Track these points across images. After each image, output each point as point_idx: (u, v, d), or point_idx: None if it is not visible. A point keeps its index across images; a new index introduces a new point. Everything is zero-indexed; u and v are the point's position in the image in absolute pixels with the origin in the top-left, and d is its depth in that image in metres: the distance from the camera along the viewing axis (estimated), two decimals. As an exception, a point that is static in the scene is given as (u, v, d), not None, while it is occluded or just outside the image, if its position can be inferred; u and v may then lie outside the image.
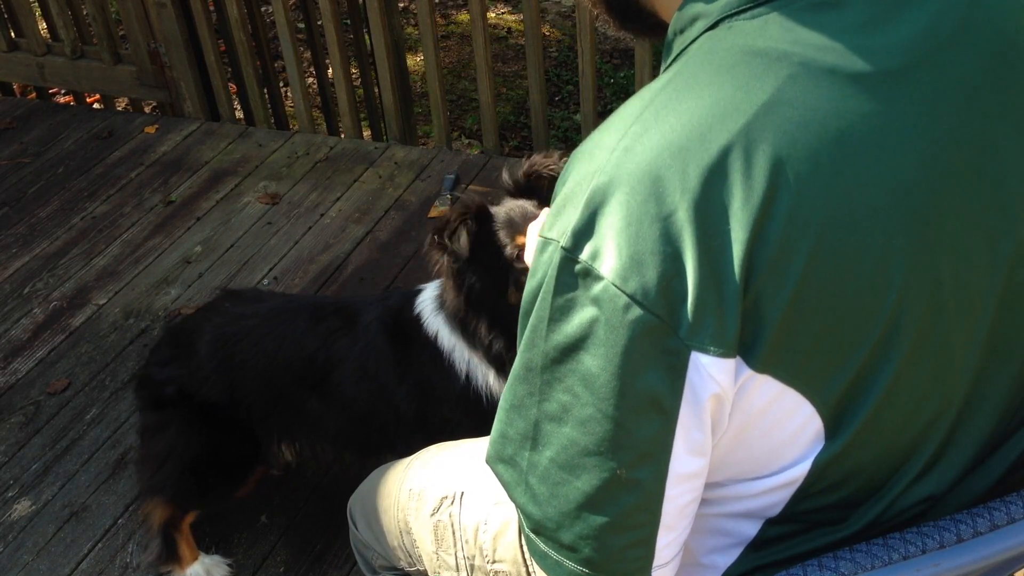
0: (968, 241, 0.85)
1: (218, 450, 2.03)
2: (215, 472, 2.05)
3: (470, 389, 1.82)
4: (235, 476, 2.08)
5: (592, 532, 0.86)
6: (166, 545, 2.08)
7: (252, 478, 2.08)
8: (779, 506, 0.92)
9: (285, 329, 1.97)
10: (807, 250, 0.78)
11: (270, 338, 1.97)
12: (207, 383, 1.98)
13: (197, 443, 2.01)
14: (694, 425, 0.82)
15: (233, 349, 1.98)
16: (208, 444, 2.02)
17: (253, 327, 1.99)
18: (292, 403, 1.98)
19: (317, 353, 1.93)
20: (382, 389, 1.91)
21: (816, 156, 0.78)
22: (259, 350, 1.96)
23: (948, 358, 0.87)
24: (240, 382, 1.97)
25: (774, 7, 0.83)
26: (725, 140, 0.78)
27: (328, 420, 1.98)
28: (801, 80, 0.80)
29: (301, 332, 1.95)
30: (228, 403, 1.97)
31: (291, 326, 1.97)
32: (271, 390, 1.97)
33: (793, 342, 0.80)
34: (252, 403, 1.98)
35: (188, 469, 2.01)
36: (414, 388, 1.88)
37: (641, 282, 0.77)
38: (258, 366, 1.96)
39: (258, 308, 2.04)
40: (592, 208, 0.80)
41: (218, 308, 2.11)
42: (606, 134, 0.84)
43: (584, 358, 0.81)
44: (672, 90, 0.83)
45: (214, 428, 2.00)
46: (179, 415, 2.01)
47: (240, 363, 1.97)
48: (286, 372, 1.95)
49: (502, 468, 0.92)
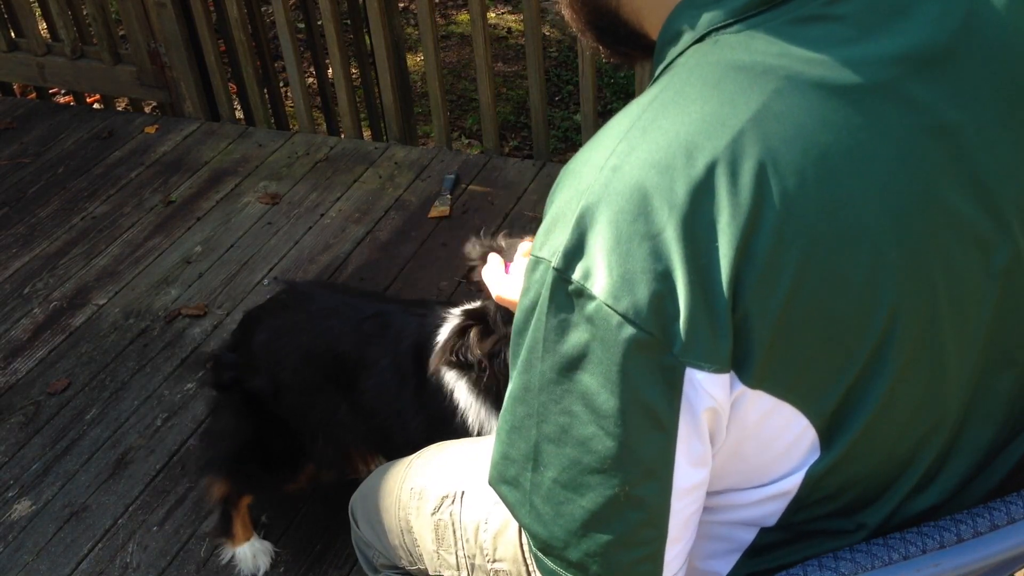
0: (962, 251, 0.84)
1: (264, 440, 2.05)
2: (261, 461, 2.07)
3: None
4: (280, 468, 2.09)
5: (599, 550, 0.86)
6: (222, 520, 2.15)
7: (302, 474, 2.09)
8: (775, 516, 0.92)
9: (323, 326, 1.98)
10: (794, 265, 0.78)
11: (307, 334, 1.98)
12: (256, 373, 2.01)
13: (246, 431, 2.05)
14: (694, 438, 0.82)
15: (277, 343, 2.00)
16: (255, 433, 2.04)
17: (297, 322, 2.01)
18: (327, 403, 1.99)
19: (348, 355, 1.93)
20: (400, 412, 1.91)
21: (802, 171, 0.78)
22: (297, 345, 1.98)
23: (944, 369, 0.87)
24: (281, 376, 1.99)
25: (761, 20, 0.83)
26: (711, 156, 0.78)
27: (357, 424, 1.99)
28: (787, 94, 0.80)
29: (337, 332, 1.96)
30: (272, 396, 1.99)
31: (328, 324, 1.98)
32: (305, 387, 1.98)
33: (784, 357, 0.80)
34: (291, 398, 1.99)
35: (238, 453, 2.06)
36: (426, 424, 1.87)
37: (632, 301, 0.77)
38: (294, 361, 1.97)
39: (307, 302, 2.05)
40: (582, 228, 0.80)
41: (278, 299, 2.14)
42: (593, 152, 0.84)
43: (582, 377, 0.81)
44: (658, 106, 0.83)
45: (261, 418, 2.03)
46: (234, 401, 2.06)
47: (281, 357, 1.99)
48: (318, 370, 1.96)
49: (505, 489, 0.92)
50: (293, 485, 2.12)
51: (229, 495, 2.12)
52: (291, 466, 2.08)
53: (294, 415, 2.01)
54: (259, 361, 2.01)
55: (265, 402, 2.01)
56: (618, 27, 1.00)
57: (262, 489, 2.15)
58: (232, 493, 2.12)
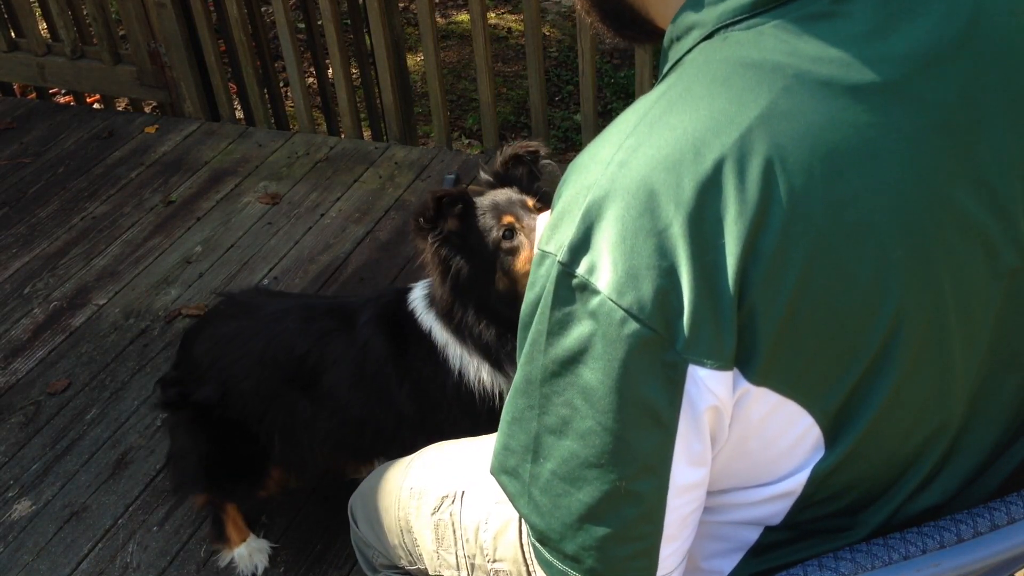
0: (968, 251, 0.84)
1: (222, 449, 2.04)
2: (225, 469, 2.07)
3: (462, 385, 1.81)
4: (246, 475, 2.08)
5: (595, 543, 0.86)
6: (215, 526, 2.16)
7: (269, 480, 2.09)
8: (780, 515, 0.92)
9: (275, 328, 1.97)
10: (801, 263, 0.78)
11: (260, 338, 1.97)
12: (201, 383, 1.99)
13: (203, 443, 2.05)
14: (694, 437, 0.82)
15: (224, 349, 1.99)
16: (212, 444, 2.04)
17: (244, 327, 2.00)
18: (285, 405, 1.98)
19: (308, 355, 1.92)
20: (381, 392, 1.90)
21: (809, 169, 0.78)
22: (248, 350, 1.97)
23: (949, 368, 0.87)
24: (231, 382, 1.97)
25: (770, 17, 0.83)
26: (719, 153, 0.78)
27: (320, 422, 1.98)
28: (796, 92, 0.80)
29: (291, 332, 1.95)
30: (221, 402, 1.98)
31: (281, 326, 1.97)
32: (262, 391, 1.97)
33: (789, 354, 0.80)
34: (245, 403, 1.98)
35: (203, 467, 2.06)
36: (414, 388, 1.87)
37: (637, 296, 0.77)
38: (247, 366, 1.96)
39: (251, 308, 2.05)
40: (588, 222, 0.80)
41: (217, 310, 2.13)
42: (601, 147, 0.84)
43: (583, 371, 0.82)
44: (667, 103, 0.83)
45: (214, 428, 2.02)
46: (185, 417, 2.05)
47: (230, 363, 1.97)
48: (275, 373, 1.95)
49: (506, 479, 0.92)
50: (263, 492, 2.12)
51: (213, 502, 2.13)
52: (256, 472, 2.07)
53: (251, 420, 1.99)
54: (203, 371, 2.00)
55: (214, 411, 1.99)
56: (623, 11, 1.01)
57: (237, 497, 2.14)
58: (215, 502, 2.13)
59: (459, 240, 1.68)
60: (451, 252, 1.69)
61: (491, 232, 1.67)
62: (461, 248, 1.69)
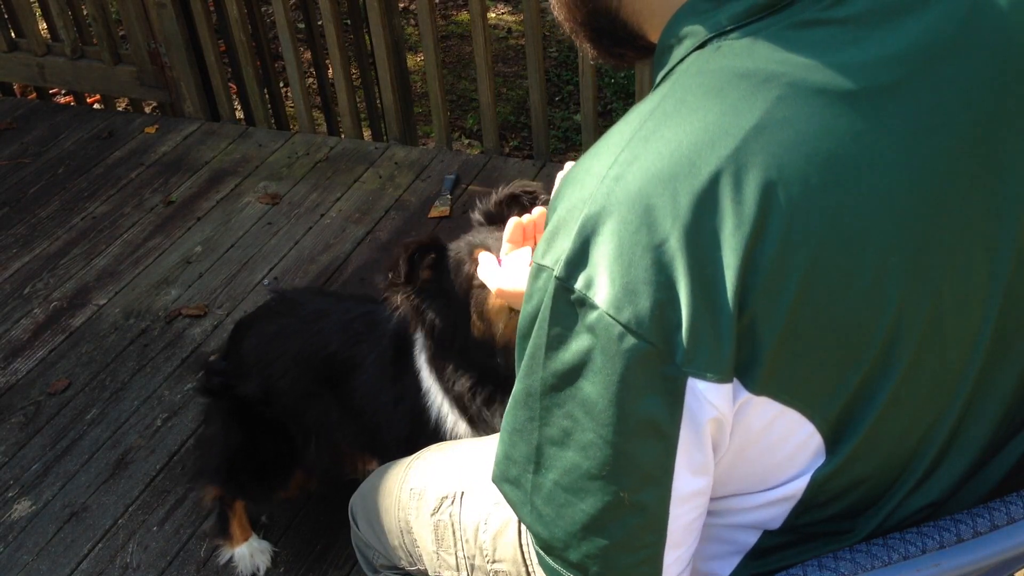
0: (967, 252, 0.84)
1: (254, 447, 2.05)
2: (252, 469, 2.08)
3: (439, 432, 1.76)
4: (271, 476, 2.09)
5: (599, 552, 0.86)
6: (219, 521, 2.16)
7: (292, 481, 2.10)
8: (779, 519, 0.92)
9: (314, 328, 1.98)
10: (800, 273, 0.78)
11: (298, 337, 1.98)
12: (246, 378, 2.01)
13: (236, 437, 2.06)
14: (695, 447, 0.82)
15: (268, 347, 2.00)
16: (244, 440, 2.05)
17: (287, 325, 2.01)
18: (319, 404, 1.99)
19: (337, 355, 1.93)
20: (384, 406, 1.90)
21: (806, 178, 0.78)
22: (287, 348, 1.98)
23: (947, 369, 0.87)
24: (272, 379, 1.99)
25: (763, 26, 0.83)
26: (714, 166, 0.77)
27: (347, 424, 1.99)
28: (790, 101, 0.79)
29: (327, 333, 1.96)
30: (263, 399, 2.00)
31: (319, 326, 1.98)
32: (297, 389, 1.98)
33: (790, 363, 0.80)
34: (284, 401, 2.00)
35: (229, 460, 2.07)
36: (406, 415, 1.86)
37: (635, 311, 0.77)
38: (285, 364, 1.97)
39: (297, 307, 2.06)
40: (584, 237, 0.80)
41: (268, 306, 2.16)
42: (596, 160, 0.84)
43: (583, 385, 0.81)
44: (660, 114, 0.82)
45: (252, 423, 2.03)
46: (224, 407, 2.07)
47: (272, 360, 1.99)
48: (308, 372, 1.97)
49: (508, 488, 0.92)
50: (284, 493, 2.13)
51: (223, 498, 2.13)
52: (282, 473, 2.08)
53: (289, 419, 2.01)
54: (249, 366, 2.02)
55: (255, 408, 2.00)
56: (616, 28, 1.00)
57: (254, 496, 2.15)
58: (224, 497, 2.13)
59: (434, 288, 1.61)
60: (425, 302, 1.61)
61: (463, 269, 1.57)
62: (435, 296, 1.61)
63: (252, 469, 2.08)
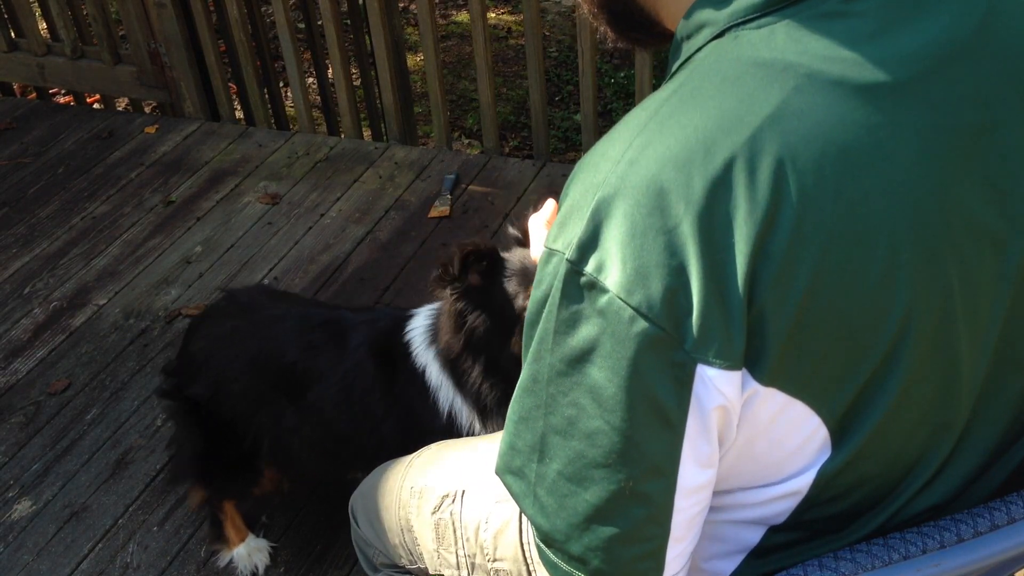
0: (977, 251, 0.84)
1: (215, 445, 2.04)
2: (220, 465, 2.07)
3: (452, 429, 1.77)
4: (241, 471, 2.08)
5: (601, 544, 0.86)
6: (213, 526, 2.16)
7: (263, 479, 2.09)
8: (784, 515, 0.92)
9: (269, 334, 1.97)
10: (811, 263, 0.78)
11: (253, 341, 1.97)
12: (194, 379, 2.01)
13: (196, 436, 2.06)
14: (701, 437, 0.82)
15: (218, 349, 2.00)
16: (204, 438, 2.05)
17: (239, 328, 2.00)
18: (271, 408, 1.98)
19: (296, 364, 1.92)
20: (367, 416, 1.88)
21: (820, 169, 0.78)
22: (241, 352, 1.97)
23: (956, 368, 0.87)
24: (222, 382, 1.98)
25: (782, 16, 0.83)
26: (729, 152, 0.78)
27: (305, 431, 1.97)
28: (807, 92, 0.79)
29: (284, 340, 1.95)
30: (212, 400, 1.99)
31: (275, 331, 1.97)
32: (250, 393, 1.98)
33: (799, 355, 0.80)
34: (235, 404, 1.98)
35: (198, 459, 2.07)
36: (400, 421, 1.85)
37: (646, 295, 0.77)
38: (238, 368, 1.97)
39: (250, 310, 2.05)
40: (597, 220, 0.80)
41: (217, 307, 2.14)
42: (610, 145, 0.84)
43: (590, 370, 0.81)
44: (677, 101, 0.83)
45: (206, 424, 2.03)
46: (181, 408, 2.07)
47: (223, 363, 1.98)
48: (263, 378, 1.96)
49: (511, 479, 0.92)
50: (258, 489, 2.11)
51: (210, 500, 2.12)
52: (250, 470, 2.07)
53: (239, 419, 2.00)
54: (196, 367, 2.01)
55: (207, 406, 2.00)
56: (633, 13, 1.00)
57: (233, 494, 2.13)
58: (211, 498, 2.12)
59: (479, 297, 1.63)
60: (469, 307, 1.64)
61: (516, 299, 1.60)
62: (480, 305, 1.63)
63: (221, 467, 2.07)
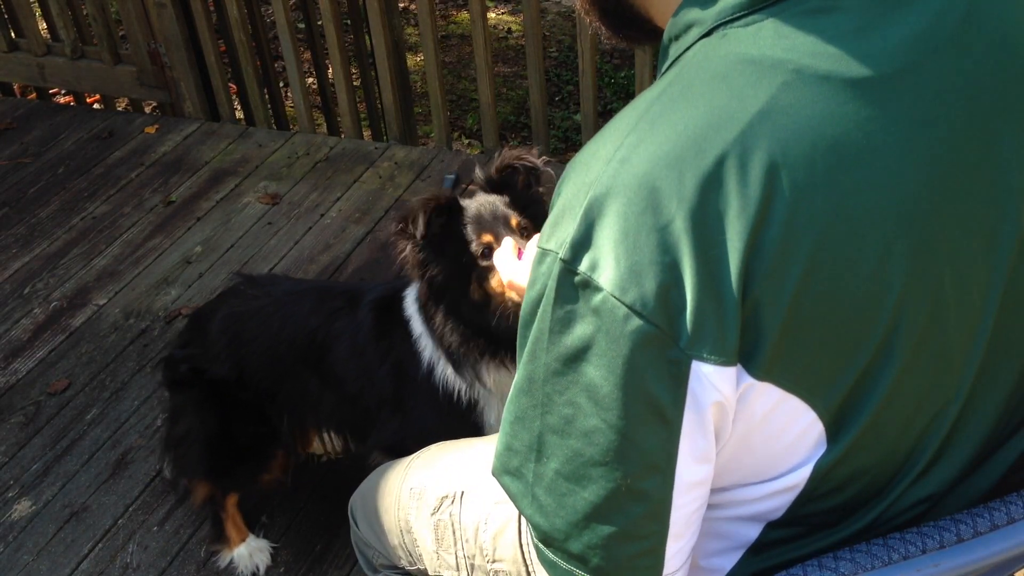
0: (968, 242, 0.85)
1: (230, 430, 2.04)
2: (231, 453, 2.07)
3: (432, 378, 1.83)
4: (253, 457, 2.08)
5: (601, 542, 0.86)
6: (214, 526, 2.15)
7: (275, 462, 2.08)
8: (782, 510, 0.92)
9: (292, 308, 1.99)
10: (804, 258, 0.78)
11: (277, 317, 1.98)
12: (217, 360, 2.00)
13: (211, 423, 2.04)
14: (698, 433, 0.82)
15: (242, 327, 2.00)
16: (220, 424, 2.04)
17: (262, 307, 2.01)
18: (297, 384, 2.00)
19: (317, 331, 1.95)
20: (367, 368, 1.92)
21: (811, 163, 0.78)
22: (265, 328, 1.98)
23: (949, 359, 0.87)
24: (247, 359, 1.99)
25: (769, 14, 0.83)
26: (720, 149, 0.78)
27: (325, 400, 2.00)
28: (795, 87, 0.80)
29: (306, 311, 1.97)
30: (237, 380, 1.99)
31: (298, 306, 1.99)
32: (276, 368, 1.99)
33: (793, 350, 0.80)
34: (260, 381, 2.00)
35: (209, 449, 2.05)
36: (392, 369, 1.90)
37: (640, 292, 0.77)
38: (264, 344, 1.98)
39: (270, 289, 2.06)
40: (589, 219, 0.80)
41: (234, 290, 2.14)
42: (601, 145, 0.84)
43: (586, 369, 0.81)
44: (667, 100, 0.83)
45: (226, 407, 2.03)
46: (194, 394, 2.06)
47: (247, 341, 1.99)
48: (289, 350, 1.97)
49: (508, 480, 0.92)
50: (268, 476, 2.11)
51: (213, 496, 2.11)
52: (262, 454, 2.07)
53: (264, 398, 2.01)
54: (219, 348, 2.01)
55: (228, 389, 2.00)
56: (623, 10, 1.01)
57: (239, 482, 2.13)
58: (215, 493, 2.11)
59: (439, 245, 1.70)
60: (428, 256, 1.71)
61: (471, 245, 1.69)
62: (439, 254, 1.71)
63: (232, 454, 2.07)
